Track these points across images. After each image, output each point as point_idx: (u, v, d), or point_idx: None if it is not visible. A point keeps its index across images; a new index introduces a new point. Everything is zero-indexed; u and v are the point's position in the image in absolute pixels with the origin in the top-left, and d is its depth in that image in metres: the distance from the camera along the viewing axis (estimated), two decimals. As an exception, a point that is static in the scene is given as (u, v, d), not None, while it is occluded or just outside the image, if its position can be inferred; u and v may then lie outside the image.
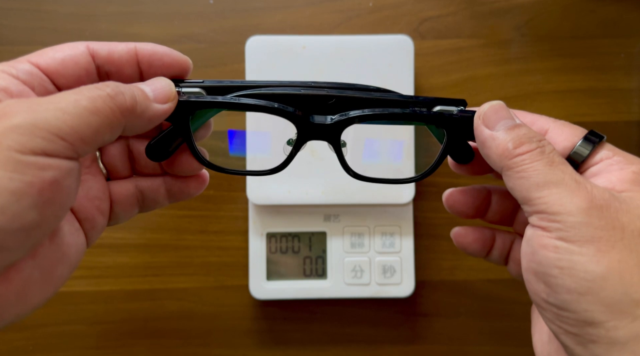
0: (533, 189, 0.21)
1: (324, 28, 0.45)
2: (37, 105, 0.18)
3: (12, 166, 0.17)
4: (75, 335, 0.44)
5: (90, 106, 0.19)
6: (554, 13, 0.46)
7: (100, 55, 0.24)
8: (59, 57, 0.23)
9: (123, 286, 0.44)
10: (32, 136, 0.17)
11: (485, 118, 0.24)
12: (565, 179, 0.21)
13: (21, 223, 0.17)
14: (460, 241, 0.29)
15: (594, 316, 0.20)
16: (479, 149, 0.25)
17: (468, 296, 0.46)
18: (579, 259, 0.20)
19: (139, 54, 0.25)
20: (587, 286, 0.20)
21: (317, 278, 0.43)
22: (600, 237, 0.20)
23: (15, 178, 0.17)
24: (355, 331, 0.45)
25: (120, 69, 0.24)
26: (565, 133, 0.24)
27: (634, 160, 0.23)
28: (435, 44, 0.46)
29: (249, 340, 0.45)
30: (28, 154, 0.17)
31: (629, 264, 0.20)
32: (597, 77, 0.46)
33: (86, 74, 0.23)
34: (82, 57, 0.23)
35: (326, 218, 0.43)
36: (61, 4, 0.44)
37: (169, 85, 0.24)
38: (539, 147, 0.22)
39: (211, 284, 0.45)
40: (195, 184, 0.27)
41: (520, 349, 0.46)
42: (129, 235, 0.45)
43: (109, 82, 0.21)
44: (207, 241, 0.45)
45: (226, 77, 0.45)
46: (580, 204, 0.21)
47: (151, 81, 0.24)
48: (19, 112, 0.18)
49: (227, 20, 0.45)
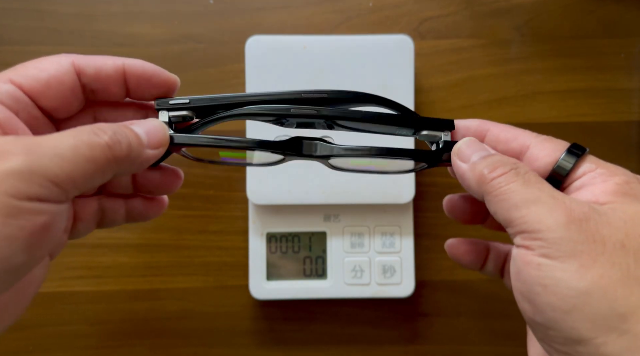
0: (512, 210, 0.22)
1: (324, 28, 0.45)
2: (35, 147, 0.18)
3: (7, 211, 0.17)
4: (75, 335, 0.44)
5: (88, 154, 0.19)
6: (554, 13, 0.46)
7: (87, 73, 0.23)
8: (43, 79, 0.22)
9: (123, 286, 0.44)
10: (29, 182, 0.18)
11: (459, 154, 0.25)
12: (542, 197, 0.21)
13: (10, 266, 0.18)
14: (453, 252, 0.29)
15: (581, 334, 0.20)
16: (460, 182, 0.25)
17: (468, 296, 0.46)
18: (562, 276, 0.20)
19: (127, 72, 0.24)
20: (571, 303, 0.20)
21: (317, 278, 0.43)
22: (581, 251, 0.20)
23: (8, 223, 0.17)
24: (355, 331, 0.45)
25: (107, 87, 0.24)
26: (547, 148, 0.24)
27: (617, 171, 0.23)
28: (435, 44, 0.46)
29: (249, 340, 0.45)
30: (23, 200, 0.17)
31: (612, 278, 0.20)
32: (597, 77, 0.46)
33: (71, 93, 0.23)
34: (67, 76, 0.22)
35: (326, 218, 0.43)
36: (61, 4, 0.44)
37: (162, 130, 0.23)
38: (513, 169, 0.23)
39: (211, 284, 0.45)
40: (156, 209, 0.28)
41: (521, 349, 0.45)
42: (129, 235, 0.45)
43: (106, 128, 0.20)
44: (207, 241, 0.45)
45: (226, 77, 0.45)
46: (559, 219, 0.21)
47: (146, 123, 0.23)
48: (17, 154, 0.18)
49: (227, 20, 0.45)
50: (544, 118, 0.46)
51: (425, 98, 0.46)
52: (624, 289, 0.19)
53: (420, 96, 0.45)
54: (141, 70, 0.24)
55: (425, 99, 0.46)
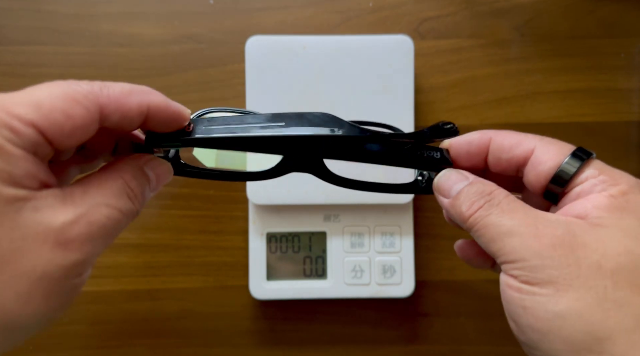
0: (490, 243, 0.23)
1: (324, 28, 0.45)
2: (92, 232, 0.20)
3: (70, 297, 0.20)
4: (75, 335, 0.44)
5: (117, 188, 0.21)
6: (554, 13, 0.46)
7: (111, 120, 0.21)
8: (68, 129, 0.19)
9: (123, 286, 0.44)
10: (89, 265, 0.20)
11: (440, 189, 0.26)
12: (514, 228, 0.22)
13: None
14: (462, 254, 0.29)
15: (558, 355, 0.20)
16: (448, 216, 0.26)
17: (468, 296, 0.46)
18: (540, 299, 0.21)
19: (150, 115, 0.22)
20: (548, 326, 0.20)
21: (317, 278, 0.43)
22: (557, 276, 0.21)
23: (65, 303, 0.20)
24: (355, 331, 0.45)
25: (124, 128, 0.22)
26: (551, 151, 0.24)
27: (620, 180, 0.23)
28: (435, 44, 0.46)
29: (249, 340, 0.45)
30: (76, 277, 0.20)
31: (588, 301, 0.20)
32: (597, 77, 0.46)
33: (86, 138, 0.20)
34: (92, 126, 0.20)
35: (326, 218, 0.43)
36: (61, 4, 0.44)
37: (170, 174, 0.25)
38: (487, 202, 0.23)
39: (211, 284, 0.45)
40: None
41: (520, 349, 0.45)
42: (129, 235, 0.45)
43: (135, 187, 0.22)
44: (207, 241, 0.45)
45: (226, 77, 0.45)
46: (532, 248, 0.21)
47: (157, 166, 0.24)
48: (80, 243, 0.19)
49: (227, 20, 0.45)
50: (544, 118, 0.46)
51: (425, 98, 0.46)
52: (600, 312, 0.20)
53: (420, 96, 0.45)
54: (164, 114, 0.22)
55: (425, 99, 0.46)
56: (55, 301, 0.19)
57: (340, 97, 0.41)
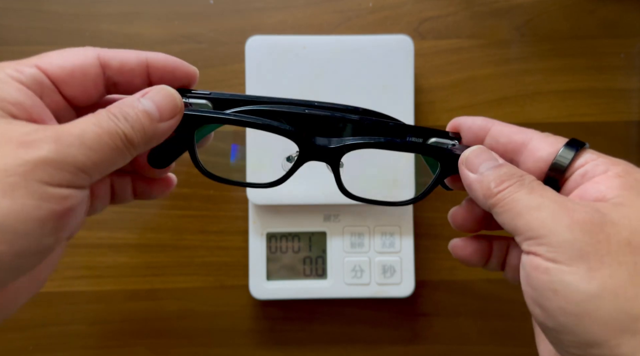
0: (517, 218, 0.22)
1: (324, 28, 0.45)
2: (63, 136, 0.20)
3: (40, 195, 0.19)
4: (75, 335, 0.44)
5: (111, 143, 0.21)
6: (554, 13, 0.46)
7: (112, 66, 0.23)
8: (68, 67, 0.22)
9: (123, 286, 0.44)
10: (60, 170, 0.19)
11: (468, 163, 0.25)
12: (544, 202, 0.22)
13: (39, 247, 0.19)
14: (459, 253, 0.29)
15: (594, 337, 0.20)
16: (467, 191, 0.26)
17: (468, 296, 0.46)
18: (571, 280, 0.20)
19: (150, 66, 0.24)
20: (583, 307, 0.20)
21: (317, 278, 0.43)
22: (587, 252, 0.20)
23: (42, 206, 0.19)
24: (355, 331, 0.45)
25: (130, 80, 0.24)
26: (548, 142, 0.25)
27: (618, 161, 0.23)
28: (435, 44, 0.46)
29: (249, 340, 0.45)
30: (54, 186, 0.19)
31: (621, 278, 0.20)
32: (597, 77, 0.46)
33: (93, 84, 0.23)
34: (91, 68, 0.23)
35: (326, 218, 0.43)
36: (61, 4, 0.44)
37: (174, 99, 0.23)
38: (519, 180, 0.23)
39: (211, 284, 0.45)
40: (160, 188, 0.28)
41: (520, 349, 0.46)
42: (129, 235, 0.45)
43: (117, 113, 0.21)
44: (207, 241, 0.45)
45: (226, 77, 0.45)
46: (562, 222, 0.21)
47: (155, 94, 0.23)
48: (47, 142, 0.19)
49: (227, 20, 0.45)
50: (544, 118, 0.46)
51: (425, 98, 0.46)
52: (633, 288, 0.20)
53: (420, 96, 0.45)
54: (164, 63, 0.24)
55: (425, 99, 0.46)
56: (22, 199, 0.18)
57: (340, 97, 0.41)
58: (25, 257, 0.19)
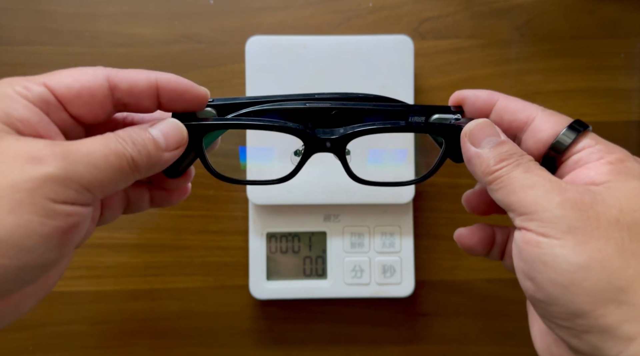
0: (511, 195, 0.23)
1: (324, 28, 0.45)
2: (70, 154, 0.20)
3: (45, 212, 0.19)
4: (76, 335, 0.44)
5: (117, 164, 0.21)
6: (554, 13, 0.46)
7: (121, 88, 0.23)
8: (76, 88, 0.22)
9: (123, 286, 0.45)
10: (66, 187, 0.20)
11: (471, 136, 0.25)
12: (539, 181, 0.22)
13: (43, 262, 0.20)
14: (465, 242, 0.29)
15: (580, 307, 0.20)
16: (466, 164, 0.26)
17: (468, 296, 0.46)
18: (561, 252, 0.21)
19: (160, 88, 0.24)
20: (570, 278, 0.20)
21: (317, 277, 0.43)
22: (577, 227, 0.21)
23: (45, 223, 0.19)
24: (355, 331, 0.45)
25: (139, 102, 0.24)
26: (551, 121, 0.25)
27: (615, 149, 0.24)
28: (435, 44, 0.46)
29: (249, 340, 0.45)
30: (59, 203, 0.19)
31: (608, 252, 0.20)
32: (597, 77, 0.46)
33: (100, 106, 0.23)
34: (99, 90, 0.23)
35: (326, 218, 0.43)
36: (61, 4, 0.44)
37: (181, 131, 0.24)
38: (516, 160, 0.24)
39: (211, 284, 0.45)
40: (178, 195, 0.29)
41: (520, 349, 0.46)
42: (129, 235, 0.45)
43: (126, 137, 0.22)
44: (207, 241, 0.45)
45: (226, 77, 0.45)
46: (554, 199, 0.22)
47: (163, 125, 0.24)
48: (55, 159, 0.20)
49: (227, 20, 0.45)
50: (544, 118, 0.46)
51: (425, 98, 0.46)
52: (620, 262, 0.20)
53: (420, 96, 0.45)
54: (174, 86, 0.24)
55: (425, 99, 0.46)
56: (28, 215, 0.19)
57: (340, 97, 0.41)
58: (28, 270, 0.19)
